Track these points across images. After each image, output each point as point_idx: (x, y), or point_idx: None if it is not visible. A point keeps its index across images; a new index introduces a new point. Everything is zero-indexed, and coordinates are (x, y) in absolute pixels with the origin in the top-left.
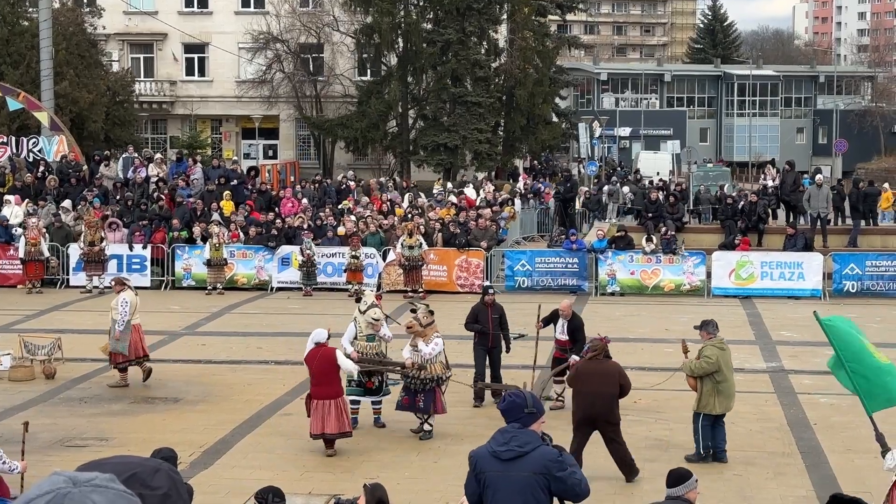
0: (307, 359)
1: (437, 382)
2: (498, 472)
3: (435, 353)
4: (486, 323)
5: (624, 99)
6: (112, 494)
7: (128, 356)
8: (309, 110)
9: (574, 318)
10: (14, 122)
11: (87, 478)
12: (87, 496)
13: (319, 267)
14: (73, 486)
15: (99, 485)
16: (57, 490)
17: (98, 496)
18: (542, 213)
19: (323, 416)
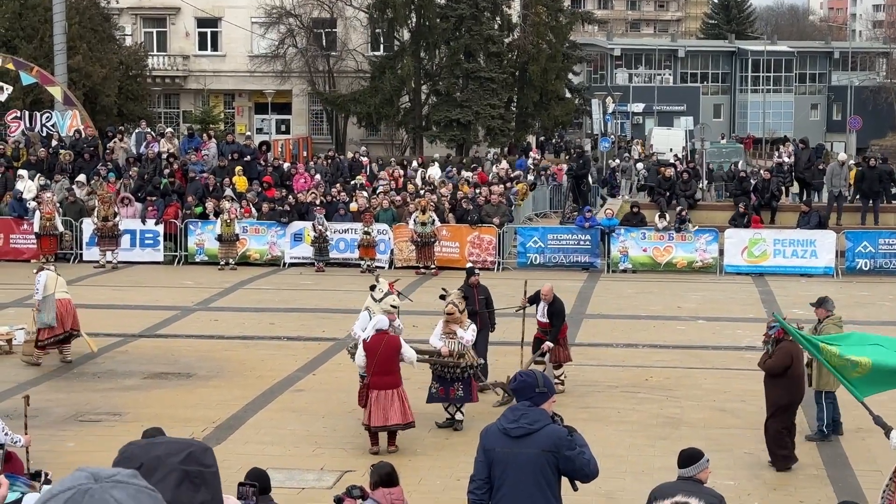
0: (369, 345)
1: (473, 370)
2: (507, 450)
3: (473, 339)
4: (473, 304)
5: (637, 75)
6: (133, 490)
7: (55, 329)
8: (322, 85)
9: (555, 303)
10: (27, 96)
11: (109, 474)
12: (108, 492)
13: (332, 242)
14: (94, 483)
15: (120, 481)
16: (78, 486)
17: (119, 492)
18: (554, 190)
19: (385, 408)
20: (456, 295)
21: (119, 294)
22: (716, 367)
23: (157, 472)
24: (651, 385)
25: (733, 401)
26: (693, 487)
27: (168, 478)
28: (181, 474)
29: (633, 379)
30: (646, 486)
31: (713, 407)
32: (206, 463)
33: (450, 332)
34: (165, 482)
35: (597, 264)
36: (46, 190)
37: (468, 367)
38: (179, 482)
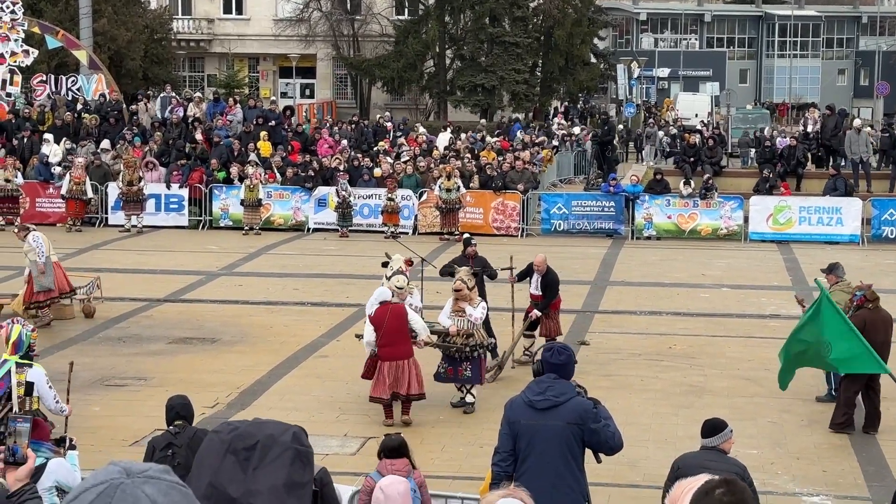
0: (375, 318)
1: (483, 349)
2: (533, 422)
3: (483, 317)
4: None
5: (663, 39)
6: (164, 486)
7: (53, 291)
8: (346, 50)
9: (548, 274)
10: (53, 60)
11: (140, 469)
12: (139, 487)
13: (355, 208)
14: (126, 477)
15: (152, 476)
16: (111, 481)
17: (150, 487)
18: (579, 156)
19: (397, 378)
20: (465, 271)
21: (144, 259)
22: (740, 336)
23: (274, 450)
24: (675, 353)
25: (757, 369)
26: (716, 457)
27: (283, 455)
28: (294, 453)
29: (657, 347)
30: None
31: (737, 375)
32: (306, 444)
33: (459, 310)
34: (281, 459)
35: (621, 231)
36: (77, 154)
37: (477, 347)
38: (293, 460)
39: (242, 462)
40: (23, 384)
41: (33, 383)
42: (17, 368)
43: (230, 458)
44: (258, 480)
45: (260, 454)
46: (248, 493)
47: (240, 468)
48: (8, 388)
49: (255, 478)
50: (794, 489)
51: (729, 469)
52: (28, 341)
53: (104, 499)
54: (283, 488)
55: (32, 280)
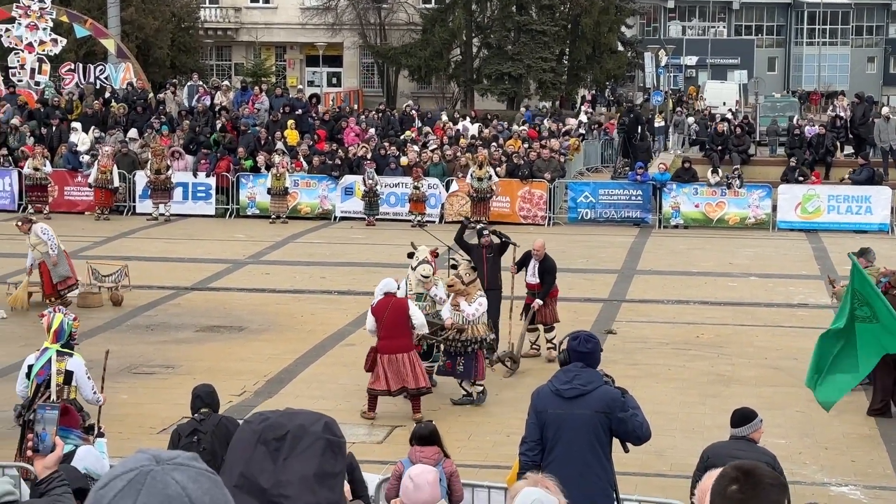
0: (376, 309)
1: (479, 345)
2: (560, 411)
3: (478, 313)
4: (481, 264)
5: (691, 27)
6: (194, 472)
7: (71, 278)
8: (373, 38)
9: (546, 260)
10: (81, 48)
11: (169, 456)
12: (169, 474)
13: (382, 197)
14: (155, 464)
15: (181, 463)
16: (140, 468)
17: (180, 474)
18: (606, 145)
19: (399, 371)
20: (465, 266)
21: (171, 247)
22: (768, 325)
23: (304, 440)
24: (702, 342)
25: (785, 359)
26: (746, 447)
27: (314, 445)
28: (325, 443)
29: (684, 336)
30: (696, 444)
31: (765, 365)
32: (338, 434)
33: (456, 304)
34: (312, 449)
35: (648, 220)
36: (104, 143)
37: (471, 342)
38: (324, 450)
39: (273, 452)
40: (62, 372)
41: (73, 372)
42: (57, 357)
43: (261, 448)
44: (289, 471)
45: (290, 444)
46: (278, 484)
47: (270, 459)
48: (48, 376)
49: (285, 468)
50: (822, 479)
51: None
52: (69, 330)
53: (134, 486)
54: (313, 478)
55: (48, 272)
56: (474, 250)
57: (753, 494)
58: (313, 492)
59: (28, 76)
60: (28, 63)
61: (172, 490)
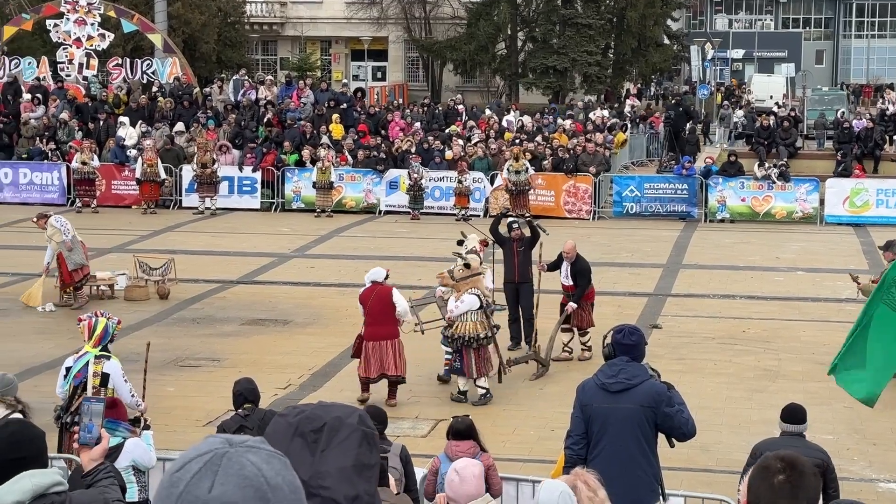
0: (362, 297)
1: (466, 343)
2: (606, 405)
3: (458, 311)
4: (511, 257)
5: (737, 20)
6: (265, 454)
7: (86, 268)
8: (418, 32)
9: (578, 261)
10: (128, 43)
11: (241, 439)
12: (243, 455)
13: (427, 191)
14: (229, 447)
15: (252, 446)
16: (215, 450)
17: (253, 455)
18: (651, 138)
19: (381, 358)
20: (459, 264)
21: (217, 240)
22: (815, 320)
23: (342, 432)
24: (748, 337)
25: (833, 354)
26: (799, 443)
27: (351, 437)
28: (361, 434)
29: (730, 330)
30: (742, 440)
31: (812, 360)
32: (371, 426)
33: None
34: (349, 441)
35: (694, 214)
36: (148, 137)
37: (458, 339)
38: (361, 442)
39: (311, 444)
40: (98, 374)
41: (109, 375)
42: (94, 360)
43: (298, 440)
44: (326, 462)
45: (327, 436)
46: (316, 475)
47: (308, 451)
48: (84, 378)
49: (323, 460)
50: (870, 475)
51: (813, 456)
52: (112, 332)
53: (211, 467)
54: (351, 469)
55: (65, 263)
56: (507, 242)
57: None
58: (352, 483)
59: (76, 71)
60: (76, 58)
61: (249, 471)
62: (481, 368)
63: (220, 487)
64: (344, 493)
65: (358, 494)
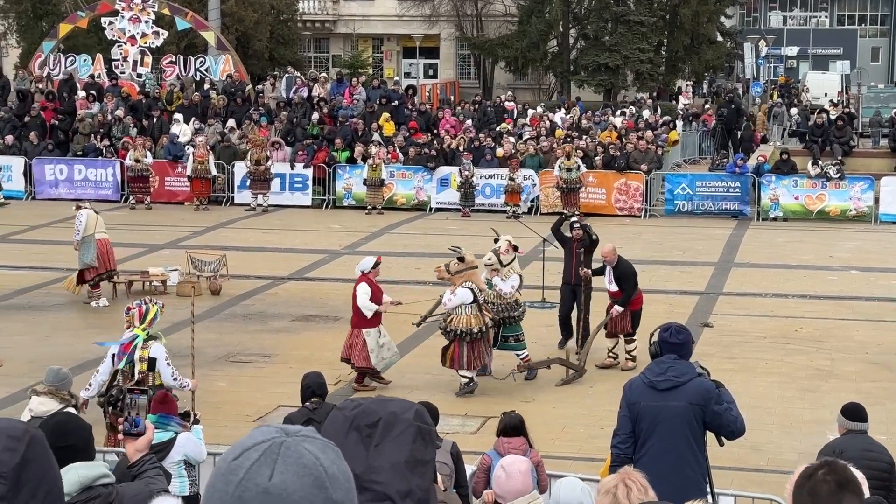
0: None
1: (459, 336)
2: (654, 403)
3: (452, 304)
4: (570, 258)
5: (792, 17)
6: (321, 444)
7: (98, 268)
8: (469, 29)
9: (620, 265)
10: (182, 41)
11: (296, 429)
12: (300, 444)
13: (478, 188)
14: (286, 436)
15: (307, 435)
16: (272, 439)
17: (310, 445)
18: (703, 136)
19: (349, 345)
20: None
21: (268, 237)
22: (869, 319)
23: (397, 427)
24: (801, 336)
25: (886, 353)
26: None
27: (406, 432)
28: (417, 430)
29: (783, 329)
30: (794, 439)
31: (865, 360)
32: (428, 421)
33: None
34: (404, 436)
35: (746, 212)
36: (200, 134)
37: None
38: (416, 437)
39: (365, 439)
40: (145, 360)
41: (155, 359)
42: (142, 344)
43: (353, 434)
44: (381, 457)
45: (382, 431)
46: (370, 470)
47: (362, 445)
48: (130, 360)
49: (377, 454)
50: None
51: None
52: (157, 319)
53: (270, 455)
54: (405, 465)
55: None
56: (567, 243)
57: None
58: (405, 478)
59: (130, 68)
60: (130, 55)
61: (307, 459)
62: (472, 362)
63: (280, 475)
64: (396, 488)
65: (410, 490)
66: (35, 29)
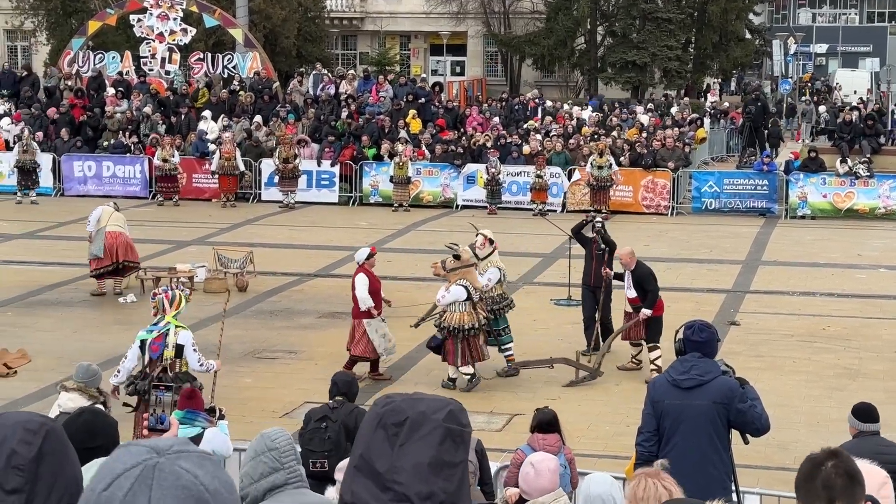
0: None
1: (453, 332)
2: (677, 402)
3: (445, 301)
4: (590, 260)
5: (821, 14)
6: (196, 458)
7: (102, 260)
8: (497, 27)
9: (639, 268)
10: (210, 38)
11: (166, 445)
12: (175, 463)
13: (504, 185)
14: (157, 456)
15: (181, 450)
16: (143, 462)
17: (185, 462)
18: (731, 133)
19: (351, 337)
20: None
21: (295, 234)
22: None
23: (423, 428)
24: (828, 335)
25: None
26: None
27: (433, 433)
28: (444, 431)
29: (810, 328)
30: (821, 438)
31: (893, 358)
32: (463, 422)
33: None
34: (430, 437)
35: (774, 210)
36: (227, 130)
37: (445, 328)
38: (443, 439)
39: (391, 437)
40: (173, 346)
41: (183, 345)
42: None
43: (380, 432)
44: (404, 457)
45: (408, 431)
46: (392, 469)
47: (388, 443)
48: (162, 350)
49: (401, 454)
50: None
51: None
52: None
53: (144, 482)
54: (427, 467)
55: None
56: (588, 244)
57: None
58: (427, 480)
59: (159, 65)
60: (159, 52)
61: (185, 479)
62: (466, 357)
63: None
64: (416, 490)
65: (433, 492)
66: (64, 26)
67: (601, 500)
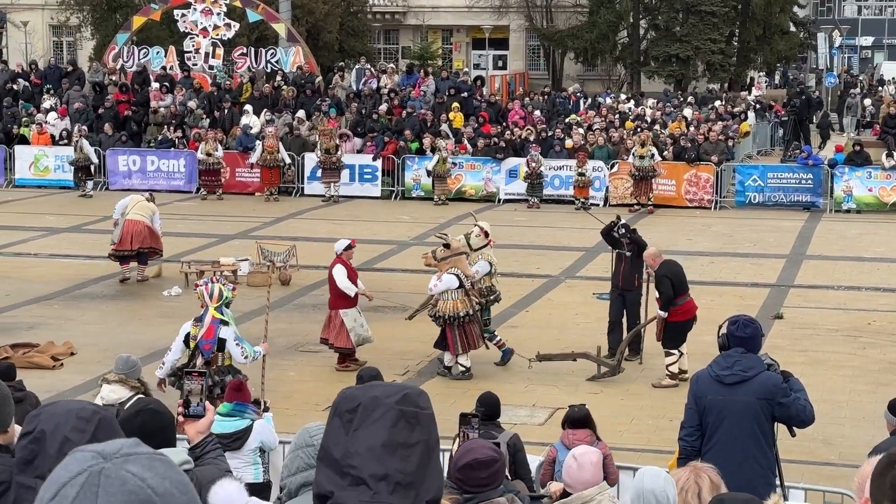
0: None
1: (448, 321)
2: (721, 397)
3: (437, 290)
4: (619, 262)
5: (867, 6)
6: (145, 460)
7: (118, 245)
8: (539, 20)
9: (659, 269)
10: (253, 33)
11: (114, 448)
12: (121, 468)
13: (546, 179)
14: (104, 461)
15: (129, 453)
16: (89, 468)
17: (133, 465)
18: (776, 127)
19: (326, 325)
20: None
21: (338, 228)
22: None
23: (376, 412)
24: (874, 329)
25: None
26: None
27: (385, 416)
28: (398, 413)
29: (855, 322)
30: (866, 433)
31: None
32: (420, 405)
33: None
34: (383, 420)
35: (819, 204)
36: (270, 124)
37: (440, 317)
38: (396, 421)
39: (346, 424)
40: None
41: (225, 340)
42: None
43: (336, 420)
44: (357, 441)
45: (361, 416)
46: (347, 455)
47: (343, 430)
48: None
49: (354, 439)
50: None
51: None
52: (227, 297)
53: (89, 489)
54: (381, 448)
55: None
56: (617, 245)
57: None
58: (381, 462)
59: (202, 60)
60: (202, 47)
61: (132, 484)
62: (465, 345)
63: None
64: (371, 471)
65: (388, 473)
66: (109, 21)
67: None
